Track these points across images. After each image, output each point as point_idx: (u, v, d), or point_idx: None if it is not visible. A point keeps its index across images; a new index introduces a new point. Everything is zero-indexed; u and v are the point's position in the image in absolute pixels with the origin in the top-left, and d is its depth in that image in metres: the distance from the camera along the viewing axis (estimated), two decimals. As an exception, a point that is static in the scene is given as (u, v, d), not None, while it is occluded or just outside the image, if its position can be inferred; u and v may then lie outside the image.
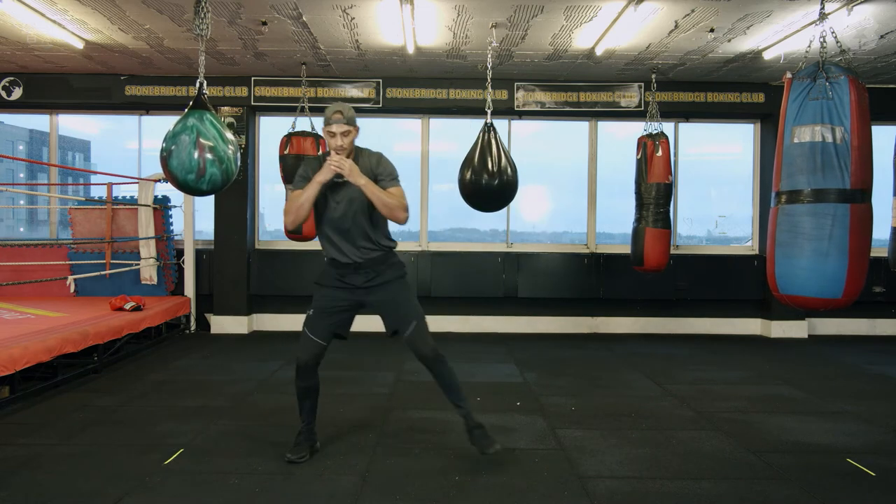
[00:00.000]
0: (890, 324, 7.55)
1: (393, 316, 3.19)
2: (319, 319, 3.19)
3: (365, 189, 3.01)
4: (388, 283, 3.18)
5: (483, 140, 5.17)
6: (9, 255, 7.04)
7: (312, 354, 3.19)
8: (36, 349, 4.25)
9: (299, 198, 3.06)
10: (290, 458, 3.22)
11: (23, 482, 2.96)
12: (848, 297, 3.11)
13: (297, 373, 3.22)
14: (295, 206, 3.06)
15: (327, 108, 3.11)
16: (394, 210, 3.05)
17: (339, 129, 3.06)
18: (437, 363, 3.16)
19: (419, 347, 3.14)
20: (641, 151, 6.04)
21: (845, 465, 3.29)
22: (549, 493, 2.90)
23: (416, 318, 3.16)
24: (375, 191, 3.03)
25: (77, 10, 5.01)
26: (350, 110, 3.11)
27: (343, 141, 3.07)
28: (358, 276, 3.16)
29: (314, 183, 3.02)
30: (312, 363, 3.21)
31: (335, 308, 3.20)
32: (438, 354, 3.15)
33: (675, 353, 6.30)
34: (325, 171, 3.01)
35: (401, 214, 3.08)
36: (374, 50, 6.02)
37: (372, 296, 3.18)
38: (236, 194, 7.00)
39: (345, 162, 3.00)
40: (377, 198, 3.03)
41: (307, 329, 3.20)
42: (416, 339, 3.14)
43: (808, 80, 3.18)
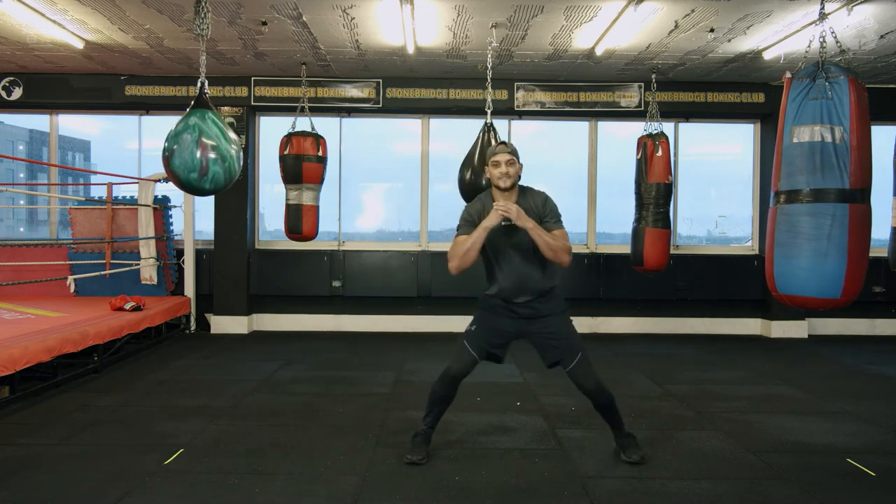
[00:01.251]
0: (890, 324, 7.55)
1: (555, 348, 3.20)
2: (480, 336, 3.24)
3: (531, 233, 3.02)
4: (550, 316, 3.21)
5: (483, 140, 5.17)
6: (9, 255, 7.04)
7: (463, 366, 3.23)
8: (36, 349, 4.25)
9: (465, 243, 3.08)
10: (410, 458, 3.25)
11: (23, 482, 2.96)
12: (847, 297, 3.10)
13: (442, 379, 3.27)
14: (461, 252, 3.08)
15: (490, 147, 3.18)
16: (558, 253, 3.07)
17: (502, 157, 3.10)
18: (602, 396, 3.21)
19: (583, 382, 3.18)
20: (641, 151, 6.04)
21: (845, 465, 3.29)
22: (549, 493, 2.90)
23: (580, 351, 3.19)
24: (542, 234, 3.04)
25: (77, 10, 5.02)
26: (513, 146, 3.17)
27: (508, 169, 3.10)
28: (523, 308, 3.20)
29: (482, 229, 3.05)
30: (461, 375, 3.25)
31: (495, 330, 3.24)
32: (603, 388, 3.20)
33: (675, 353, 6.30)
34: (493, 216, 3.03)
35: (564, 258, 3.09)
36: (374, 50, 6.02)
37: (533, 326, 3.21)
38: (236, 194, 7.00)
39: (511, 207, 3.01)
40: (543, 241, 3.04)
41: (466, 341, 3.25)
42: (581, 373, 3.17)
43: (807, 80, 3.18)
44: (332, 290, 7.32)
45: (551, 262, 3.16)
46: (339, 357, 5.96)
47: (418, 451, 3.27)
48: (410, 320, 7.36)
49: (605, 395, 3.23)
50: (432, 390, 3.31)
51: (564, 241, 3.10)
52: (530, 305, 3.19)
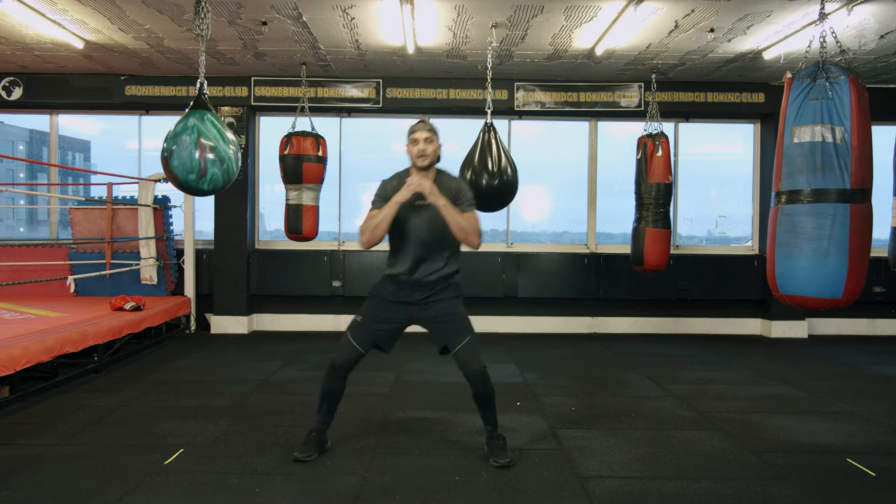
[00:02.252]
0: (890, 324, 7.55)
1: (444, 331, 3.18)
2: (365, 327, 3.22)
3: (443, 210, 3.02)
4: (443, 301, 3.19)
5: (483, 140, 5.17)
6: (9, 255, 7.04)
7: (347, 359, 3.21)
8: (36, 349, 4.25)
9: (376, 217, 3.06)
10: (297, 456, 3.22)
11: (23, 482, 2.96)
12: (848, 297, 3.10)
13: (328, 373, 3.23)
14: (372, 226, 3.06)
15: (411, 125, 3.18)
16: (468, 234, 3.08)
17: (421, 135, 3.10)
18: (484, 386, 3.18)
19: (468, 364, 3.15)
20: (641, 151, 6.04)
21: (845, 465, 3.29)
22: (549, 493, 2.90)
23: (468, 334, 3.17)
24: (453, 213, 3.05)
25: (77, 10, 5.01)
26: (433, 124, 3.16)
27: (426, 147, 3.10)
28: (416, 293, 3.18)
29: (393, 203, 3.03)
30: (346, 367, 3.22)
31: (384, 320, 3.22)
32: (486, 377, 3.17)
33: (675, 353, 6.30)
34: (405, 191, 3.02)
35: (474, 239, 3.10)
36: (374, 50, 6.02)
37: (425, 311, 3.19)
38: (236, 194, 7.00)
39: (425, 182, 3.01)
40: (454, 220, 3.04)
41: (350, 334, 3.22)
42: (466, 355, 3.15)
43: (808, 80, 3.17)
44: (332, 290, 7.31)
45: (456, 248, 3.19)
46: (339, 357, 5.96)
47: (306, 448, 3.25)
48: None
49: (487, 385, 3.17)
50: (321, 385, 3.27)
51: (475, 223, 3.11)
52: (427, 288, 3.17)
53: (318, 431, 3.31)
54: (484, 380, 3.16)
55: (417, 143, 3.11)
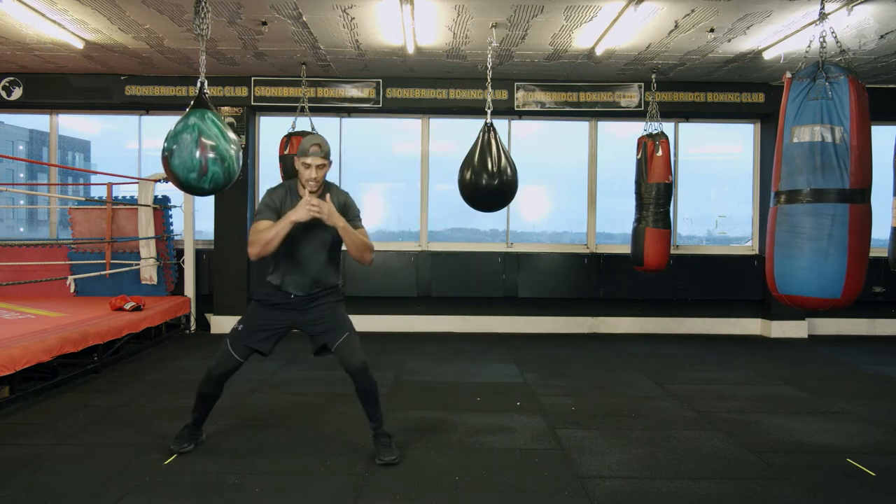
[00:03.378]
0: (890, 324, 7.56)
1: (324, 331, 3.20)
2: (244, 337, 3.22)
3: (342, 232, 3.05)
4: (323, 304, 3.22)
5: (483, 140, 5.17)
6: (9, 255, 7.04)
7: (226, 369, 3.24)
8: (36, 349, 4.25)
9: (268, 231, 3.01)
10: (173, 448, 3.29)
11: (23, 482, 2.96)
12: (847, 296, 3.11)
13: (206, 380, 3.27)
14: (263, 240, 3.00)
15: (304, 139, 3.12)
16: (363, 252, 3.13)
17: (314, 161, 3.05)
18: (365, 379, 3.18)
19: (348, 358, 3.15)
20: (641, 151, 6.04)
21: (845, 465, 3.29)
22: (549, 493, 2.90)
23: (348, 330, 3.20)
24: (351, 233, 3.08)
25: (77, 10, 5.02)
26: (327, 144, 3.11)
27: (318, 174, 3.07)
28: (299, 300, 3.21)
29: (288, 222, 2.99)
30: (224, 376, 3.26)
31: (266, 327, 3.22)
32: (367, 371, 3.18)
33: (675, 353, 6.30)
34: (303, 211, 2.98)
35: (367, 256, 3.16)
36: (374, 50, 6.02)
37: (305, 315, 3.21)
38: (236, 194, 7.00)
39: (324, 205, 2.99)
40: (351, 240, 3.07)
41: (229, 343, 3.23)
42: (346, 349, 3.16)
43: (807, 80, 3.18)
44: (332, 290, 7.30)
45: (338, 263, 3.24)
46: (339, 357, 5.96)
47: (181, 441, 3.33)
48: (410, 320, 7.36)
49: (368, 379, 3.17)
50: (199, 388, 3.30)
51: (368, 240, 3.16)
52: (310, 299, 3.19)
53: (193, 426, 3.39)
54: (365, 374, 3.17)
55: (310, 168, 3.05)
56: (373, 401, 3.24)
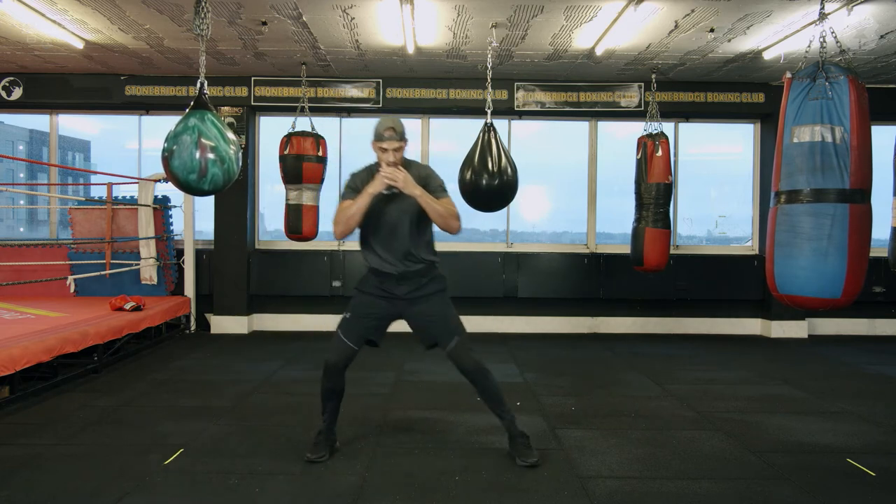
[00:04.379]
0: (890, 324, 7.55)
1: (433, 329, 3.19)
2: (354, 324, 3.20)
3: (420, 199, 3.00)
4: (429, 296, 3.19)
5: (483, 140, 5.17)
6: (9, 255, 7.04)
7: (342, 357, 3.20)
8: (36, 349, 4.25)
9: (350, 208, 3.03)
10: (309, 457, 3.22)
11: (23, 482, 2.96)
12: (847, 297, 3.10)
13: (325, 373, 3.23)
14: (345, 217, 3.04)
15: (378, 121, 3.08)
16: (448, 219, 3.06)
17: (391, 145, 3.03)
18: (480, 376, 3.18)
19: (462, 362, 3.16)
20: (641, 151, 6.04)
21: (845, 465, 3.29)
22: (549, 493, 2.90)
23: (459, 333, 3.18)
24: (430, 201, 3.02)
25: (77, 10, 5.02)
26: (401, 125, 3.08)
27: (395, 157, 3.05)
28: (400, 286, 3.17)
29: (366, 194, 3.01)
30: (341, 365, 3.21)
31: (372, 315, 3.21)
32: (481, 367, 3.17)
33: (675, 353, 6.30)
34: (378, 182, 2.99)
35: (454, 223, 3.08)
36: (374, 50, 6.02)
37: (412, 307, 3.19)
38: (236, 194, 7.00)
39: (398, 173, 2.98)
40: (432, 208, 3.02)
41: (341, 332, 3.21)
42: (460, 353, 3.16)
43: (807, 80, 3.18)
44: (333, 290, 7.31)
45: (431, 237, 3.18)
46: (339, 357, 5.95)
47: (318, 448, 3.26)
48: (410, 320, 7.35)
49: (486, 379, 3.18)
50: (321, 387, 3.28)
51: (452, 208, 3.09)
52: (409, 283, 3.15)
53: (326, 431, 3.32)
54: (481, 373, 3.17)
55: (387, 153, 3.04)
56: (494, 397, 3.22)
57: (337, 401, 3.30)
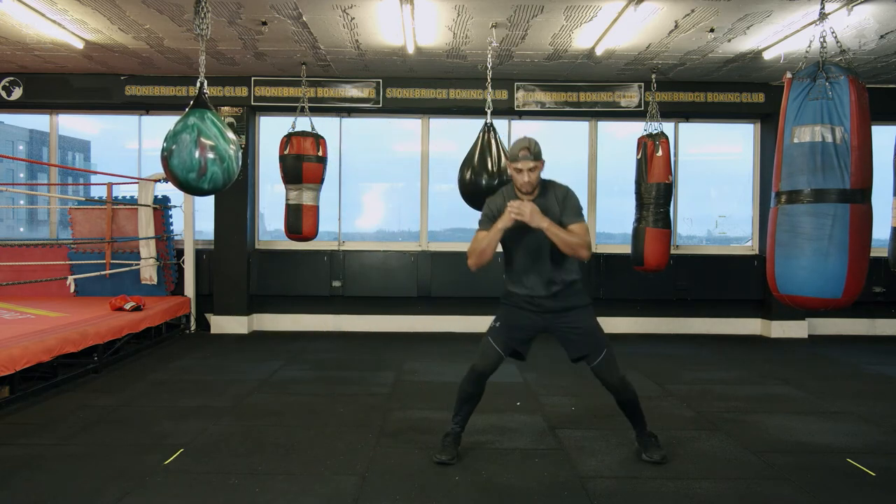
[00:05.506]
0: (890, 324, 7.55)
1: (580, 343, 3.21)
2: (505, 332, 3.24)
3: (547, 231, 3.00)
4: (575, 309, 3.21)
5: (483, 140, 5.17)
6: (9, 255, 7.04)
7: (490, 362, 3.22)
8: (36, 349, 4.25)
9: (482, 241, 3.09)
10: (440, 459, 3.24)
11: (23, 482, 2.96)
12: (848, 297, 3.10)
13: (469, 377, 3.26)
14: (479, 249, 3.09)
15: (514, 143, 3.11)
16: (576, 249, 3.04)
17: (525, 165, 3.06)
18: (625, 392, 3.23)
19: (608, 377, 3.20)
20: (641, 151, 6.04)
21: (845, 465, 3.29)
22: (549, 493, 2.90)
23: (605, 346, 3.20)
24: (558, 232, 3.01)
25: (77, 10, 5.01)
26: (536, 145, 3.10)
27: (530, 177, 3.07)
28: (548, 302, 3.19)
29: (496, 230, 3.04)
30: (488, 371, 3.24)
31: (520, 326, 3.24)
32: (626, 384, 3.23)
33: (675, 353, 6.30)
34: (506, 218, 3.00)
35: (583, 253, 3.07)
36: (374, 50, 6.02)
37: (559, 321, 3.20)
38: (236, 194, 7.00)
39: (525, 207, 2.97)
40: (560, 239, 3.01)
41: (491, 338, 3.24)
42: (606, 368, 3.19)
43: (808, 80, 3.17)
44: (332, 290, 7.31)
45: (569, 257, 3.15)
46: (339, 357, 5.96)
47: (447, 451, 3.27)
48: (410, 320, 7.36)
49: (628, 392, 3.25)
50: (460, 389, 3.31)
51: (582, 237, 3.06)
52: (553, 299, 3.17)
53: (456, 435, 3.34)
54: (625, 388, 3.23)
55: (522, 174, 3.07)
56: (635, 410, 3.31)
57: (473, 405, 3.34)
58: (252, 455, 3.33)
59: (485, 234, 3.10)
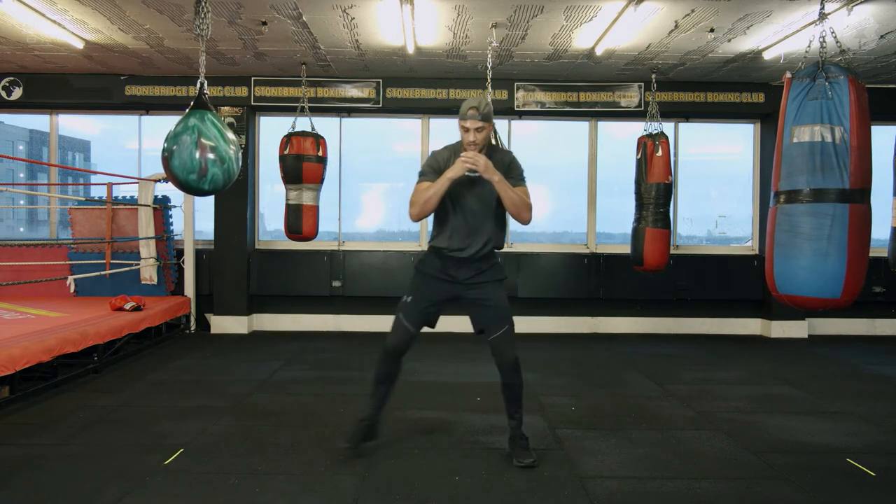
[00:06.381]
0: (890, 324, 7.55)
1: (486, 316, 3.19)
2: (415, 306, 3.22)
3: (497, 185, 3.00)
4: (488, 283, 3.20)
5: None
6: (9, 255, 7.04)
7: (402, 340, 3.22)
8: (36, 349, 4.25)
9: (427, 191, 3.04)
10: (345, 446, 3.23)
11: (23, 482, 2.96)
12: (847, 297, 3.10)
13: (383, 356, 3.25)
14: (422, 199, 3.05)
15: (466, 100, 3.06)
16: (521, 209, 3.07)
17: (472, 124, 3.01)
18: (514, 376, 3.19)
19: (504, 352, 3.16)
20: (641, 151, 6.04)
21: (845, 465, 3.29)
22: (549, 493, 2.90)
23: (509, 323, 3.18)
24: (507, 188, 3.02)
25: (77, 10, 5.01)
26: (486, 106, 3.05)
27: (476, 137, 3.03)
28: (462, 270, 3.17)
29: (445, 179, 3.00)
30: (400, 349, 3.23)
31: (432, 298, 3.22)
32: (518, 368, 3.19)
33: (675, 353, 6.30)
34: (458, 167, 2.98)
35: (526, 214, 3.10)
36: (374, 50, 6.02)
37: (470, 292, 3.19)
38: (236, 194, 7.00)
39: (479, 157, 2.96)
40: (508, 195, 3.02)
41: (402, 314, 3.22)
42: (504, 343, 3.16)
43: (807, 80, 3.18)
44: (332, 290, 7.31)
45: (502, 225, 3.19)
46: (339, 357, 5.96)
47: (355, 438, 3.27)
48: (410, 320, 7.35)
49: (517, 376, 3.18)
50: (376, 370, 3.27)
51: (527, 199, 3.10)
52: (472, 267, 3.16)
53: (370, 419, 3.31)
54: (516, 371, 3.18)
55: (468, 133, 3.03)
56: (516, 399, 3.23)
57: (390, 386, 3.30)
58: (252, 455, 3.33)
59: (429, 184, 3.04)
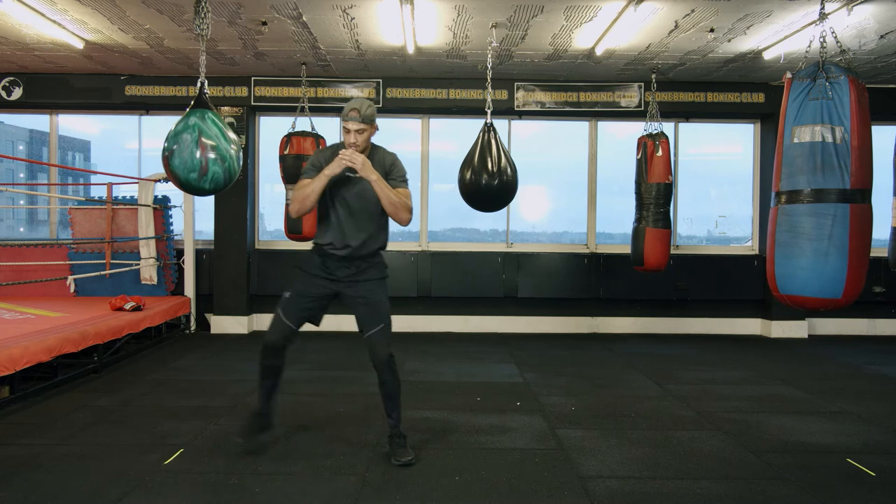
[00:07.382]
0: (890, 324, 7.55)
1: (362, 313, 3.21)
2: (295, 303, 3.24)
3: (375, 185, 3.04)
4: (369, 282, 3.22)
5: (483, 140, 5.17)
6: (9, 255, 7.04)
7: (281, 336, 3.23)
8: (36, 349, 4.25)
9: (306, 188, 3.08)
10: (239, 441, 3.25)
11: (23, 482, 2.96)
12: (848, 297, 3.11)
13: (264, 352, 3.25)
14: (301, 196, 3.09)
15: (350, 101, 3.11)
16: (398, 209, 3.11)
17: (353, 126, 3.06)
18: (389, 374, 3.19)
19: (377, 349, 3.16)
20: (641, 151, 6.04)
21: (845, 465, 3.29)
22: (549, 493, 2.90)
23: (385, 321, 3.20)
24: (385, 188, 3.07)
25: (77, 10, 5.01)
26: (369, 108, 3.09)
27: (357, 138, 3.07)
28: (341, 269, 3.20)
29: (322, 175, 3.05)
30: (280, 344, 3.24)
31: (313, 295, 3.24)
32: (393, 367, 3.19)
33: (675, 353, 6.30)
34: (336, 164, 3.03)
35: (404, 215, 3.13)
36: (374, 50, 6.02)
37: (351, 290, 3.21)
38: (236, 194, 7.00)
39: (357, 156, 3.01)
40: (385, 195, 3.07)
41: (281, 311, 3.25)
42: (378, 340, 3.17)
43: (808, 80, 3.18)
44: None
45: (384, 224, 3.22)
46: (339, 357, 5.96)
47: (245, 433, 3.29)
48: (410, 320, 7.35)
49: (391, 374, 3.18)
50: (259, 366, 3.27)
51: (406, 200, 3.13)
52: (353, 266, 3.18)
53: (261, 414, 3.32)
54: (389, 369, 3.18)
55: (349, 134, 3.07)
56: (392, 398, 3.24)
57: (275, 379, 3.29)
58: (252, 455, 3.32)
59: (309, 181, 3.08)
